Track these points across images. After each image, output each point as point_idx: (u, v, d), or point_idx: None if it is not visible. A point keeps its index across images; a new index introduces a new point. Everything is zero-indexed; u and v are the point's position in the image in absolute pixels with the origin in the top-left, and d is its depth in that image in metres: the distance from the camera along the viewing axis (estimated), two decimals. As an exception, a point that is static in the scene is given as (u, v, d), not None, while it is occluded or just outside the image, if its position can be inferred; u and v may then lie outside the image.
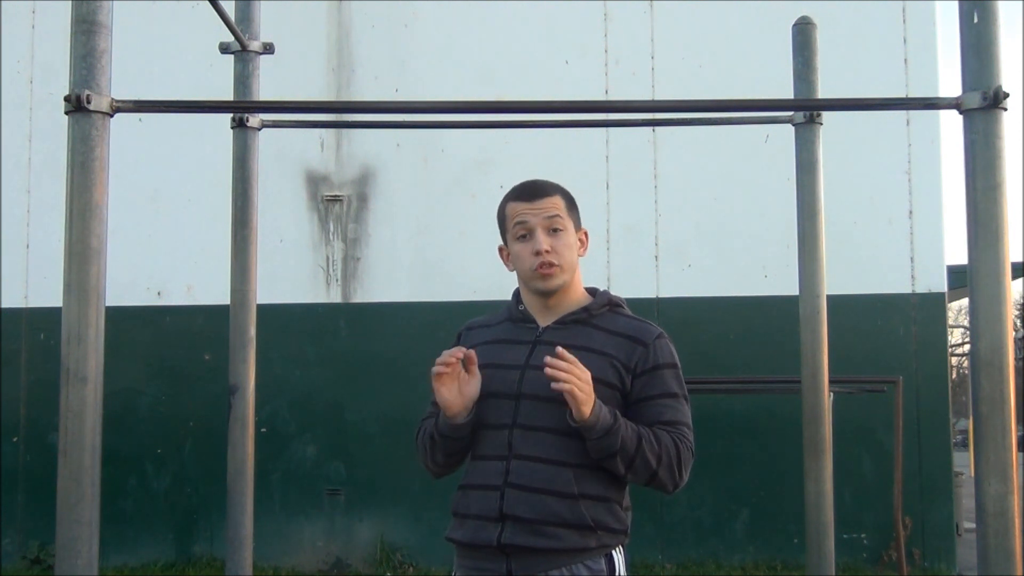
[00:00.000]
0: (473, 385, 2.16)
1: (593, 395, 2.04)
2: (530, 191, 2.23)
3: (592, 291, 2.30)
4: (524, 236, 2.20)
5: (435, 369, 2.11)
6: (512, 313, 2.30)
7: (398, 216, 7.70)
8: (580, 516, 2.09)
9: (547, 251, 2.17)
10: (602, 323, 2.22)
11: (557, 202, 2.22)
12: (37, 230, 7.72)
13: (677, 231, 7.52)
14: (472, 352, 2.16)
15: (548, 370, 2.01)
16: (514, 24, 7.74)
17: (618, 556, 2.15)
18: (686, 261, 7.50)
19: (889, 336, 7.32)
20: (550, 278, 2.19)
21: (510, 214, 2.23)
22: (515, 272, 2.27)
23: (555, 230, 2.20)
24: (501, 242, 2.30)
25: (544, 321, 2.25)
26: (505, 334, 2.27)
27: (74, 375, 1.91)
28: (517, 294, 2.32)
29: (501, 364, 2.21)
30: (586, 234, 2.29)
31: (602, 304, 2.25)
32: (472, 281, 7.28)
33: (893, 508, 5.79)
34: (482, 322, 2.36)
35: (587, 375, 2.04)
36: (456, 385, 2.14)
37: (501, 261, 2.32)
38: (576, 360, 2.03)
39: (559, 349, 2.04)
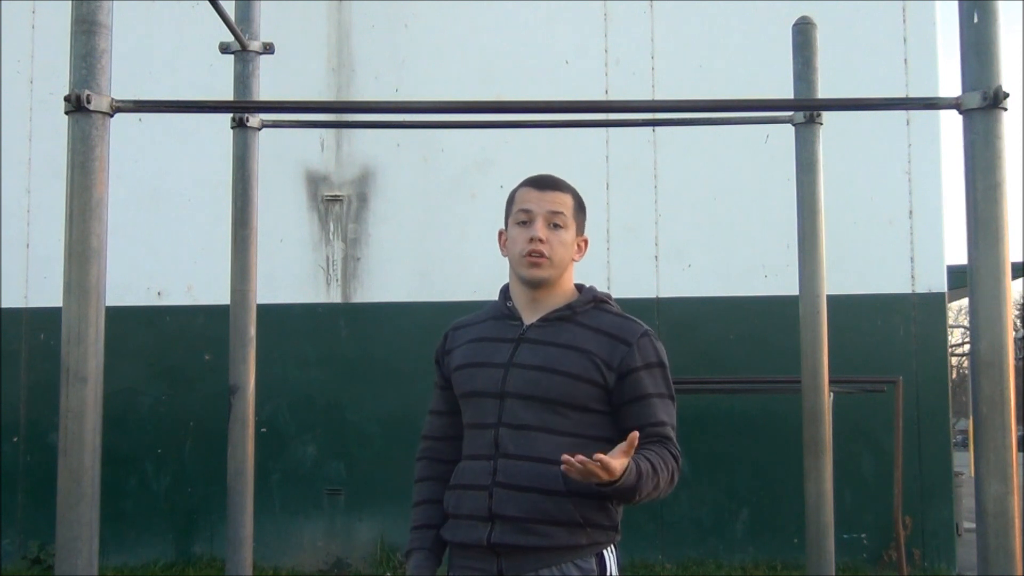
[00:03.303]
0: None
1: (618, 467, 1.93)
2: (544, 182, 2.25)
3: (579, 287, 2.29)
4: (524, 222, 2.21)
5: None
6: (498, 310, 2.29)
7: (398, 216, 7.70)
8: (569, 513, 2.08)
9: (541, 240, 2.18)
10: (586, 320, 2.21)
11: (566, 200, 2.23)
12: (37, 230, 7.72)
13: (677, 231, 7.51)
14: None
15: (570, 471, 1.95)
16: (514, 24, 7.73)
17: (609, 556, 2.14)
18: (686, 261, 7.49)
19: (889, 336, 7.31)
20: (536, 267, 2.19)
21: (518, 199, 2.25)
22: (508, 258, 2.26)
23: (556, 225, 2.20)
24: (503, 226, 2.29)
25: (529, 318, 2.24)
26: (489, 332, 2.26)
27: (74, 375, 1.91)
28: (505, 290, 2.31)
29: (485, 363, 2.21)
30: (586, 242, 2.28)
31: (587, 300, 2.24)
32: (472, 281, 7.27)
33: (893, 508, 5.79)
34: (468, 321, 2.35)
35: (600, 465, 1.92)
36: None
37: (499, 250, 2.30)
38: (588, 464, 1.91)
39: (568, 461, 1.93)
